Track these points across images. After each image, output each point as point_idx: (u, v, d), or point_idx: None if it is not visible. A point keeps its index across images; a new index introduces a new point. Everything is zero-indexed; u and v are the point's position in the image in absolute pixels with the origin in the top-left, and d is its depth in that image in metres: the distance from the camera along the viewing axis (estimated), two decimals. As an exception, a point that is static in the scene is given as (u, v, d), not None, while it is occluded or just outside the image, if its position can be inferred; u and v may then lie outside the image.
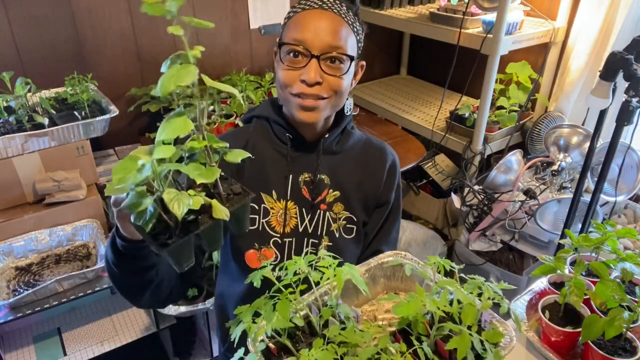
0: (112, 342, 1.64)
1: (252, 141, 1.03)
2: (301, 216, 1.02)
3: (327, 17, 0.91)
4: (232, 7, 2.22)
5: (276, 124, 1.02)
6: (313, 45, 0.89)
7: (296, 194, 1.02)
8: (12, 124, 1.61)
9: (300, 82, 0.91)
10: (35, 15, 1.82)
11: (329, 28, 0.90)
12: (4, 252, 1.60)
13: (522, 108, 2.09)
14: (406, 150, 2.12)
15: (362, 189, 1.07)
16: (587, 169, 1.52)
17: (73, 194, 1.68)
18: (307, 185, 1.02)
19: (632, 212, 1.89)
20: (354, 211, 1.06)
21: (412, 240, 2.26)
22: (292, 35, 0.91)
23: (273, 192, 1.01)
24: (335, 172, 1.04)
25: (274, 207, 1.01)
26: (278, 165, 1.02)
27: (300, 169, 1.02)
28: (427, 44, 2.45)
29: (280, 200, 1.01)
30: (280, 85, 0.95)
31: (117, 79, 2.07)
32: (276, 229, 1.01)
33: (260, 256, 1.01)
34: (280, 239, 1.01)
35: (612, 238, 1.00)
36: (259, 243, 1.01)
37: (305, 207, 1.02)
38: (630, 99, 1.31)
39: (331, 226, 1.03)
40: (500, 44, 1.78)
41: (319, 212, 1.03)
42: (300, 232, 1.02)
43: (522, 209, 1.87)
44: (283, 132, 1.01)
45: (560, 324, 0.98)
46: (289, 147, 1.01)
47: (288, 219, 1.01)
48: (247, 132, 1.05)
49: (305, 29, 0.90)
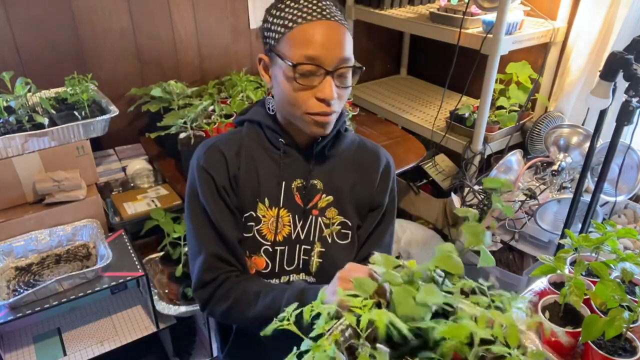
0: (112, 342, 1.64)
1: (246, 146, 1.01)
2: (294, 223, 1.00)
3: (334, 29, 0.87)
4: (232, 7, 2.22)
5: (269, 129, 1.00)
6: (326, 62, 0.86)
7: (289, 201, 1.00)
8: (12, 124, 1.61)
9: (316, 101, 0.88)
10: (35, 15, 1.82)
11: (338, 41, 0.87)
12: (4, 252, 1.60)
13: (522, 108, 2.09)
14: (406, 150, 2.12)
15: (355, 192, 1.05)
16: (587, 169, 1.52)
17: (73, 194, 1.68)
18: (300, 191, 1.01)
19: (632, 212, 1.89)
20: (347, 216, 1.04)
21: (412, 240, 2.26)
22: (302, 52, 0.85)
23: (265, 200, 0.99)
24: (328, 177, 1.02)
25: (265, 215, 0.99)
26: (270, 171, 1.00)
27: (292, 175, 1.00)
28: (427, 44, 2.45)
29: (272, 208, 0.99)
30: (291, 104, 0.90)
31: (117, 79, 2.07)
32: (267, 237, 0.99)
33: (250, 264, 1.00)
34: (271, 247, 0.99)
35: (612, 238, 1.00)
36: (250, 251, 1.00)
37: (297, 214, 1.01)
38: (630, 99, 1.31)
39: (323, 232, 1.02)
40: (500, 44, 1.78)
41: (311, 218, 1.01)
42: (293, 239, 1.01)
43: (522, 209, 1.87)
44: (276, 137, 0.99)
45: (560, 324, 0.98)
46: (281, 153, 0.99)
47: (280, 227, 0.99)
48: (240, 137, 1.03)
49: (316, 44, 0.85)
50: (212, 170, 0.97)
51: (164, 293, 1.72)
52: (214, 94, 2.12)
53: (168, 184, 1.95)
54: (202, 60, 2.25)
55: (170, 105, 1.93)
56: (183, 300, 1.70)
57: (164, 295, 1.71)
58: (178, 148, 1.80)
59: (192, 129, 1.80)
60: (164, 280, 1.78)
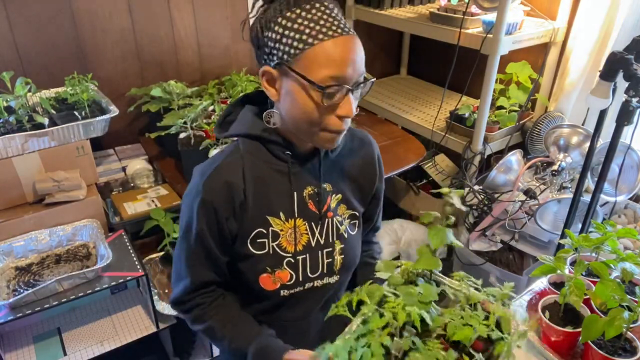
0: (112, 342, 1.64)
1: (248, 166, 0.94)
2: (311, 230, 1.00)
3: (354, 44, 0.84)
4: (232, 7, 2.22)
5: (273, 143, 0.95)
6: (349, 80, 0.84)
7: (303, 210, 0.99)
8: (12, 124, 1.61)
9: (335, 118, 0.86)
10: (35, 15, 1.82)
11: (358, 57, 0.84)
12: (4, 252, 1.60)
13: (522, 108, 2.09)
14: (406, 150, 2.12)
15: (358, 183, 1.06)
16: (587, 169, 1.52)
17: (73, 194, 1.68)
18: (312, 198, 0.99)
19: (632, 212, 1.89)
20: (354, 207, 1.06)
21: (412, 240, 2.26)
22: (327, 73, 0.82)
23: (280, 214, 0.97)
24: (333, 176, 1.02)
25: (283, 228, 0.97)
26: (280, 184, 0.97)
27: (303, 184, 0.98)
28: (427, 44, 2.45)
29: (289, 220, 0.98)
30: (309, 122, 0.87)
31: (117, 79, 2.07)
32: (287, 249, 0.98)
33: (275, 279, 0.98)
34: (293, 258, 0.98)
35: (612, 238, 1.00)
36: (272, 266, 0.97)
37: (314, 221, 1.00)
38: (630, 99, 1.31)
39: (339, 230, 1.03)
40: (500, 44, 1.78)
41: (327, 221, 1.01)
42: (313, 246, 1.00)
43: (522, 209, 1.87)
44: (282, 150, 0.95)
45: (560, 324, 0.98)
46: (289, 164, 0.96)
47: (298, 236, 0.99)
48: (238, 157, 0.94)
49: (341, 64, 0.82)
50: (215, 202, 0.91)
51: (164, 293, 1.72)
52: (214, 94, 2.12)
53: (168, 184, 1.95)
54: (202, 60, 2.25)
55: (170, 105, 1.93)
56: (183, 300, 1.70)
57: (164, 295, 1.71)
58: (178, 148, 1.80)
59: (192, 129, 1.80)
60: (164, 280, 1.78)
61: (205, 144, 1.75)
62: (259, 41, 0.88)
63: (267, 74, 0.89)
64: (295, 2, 0.83)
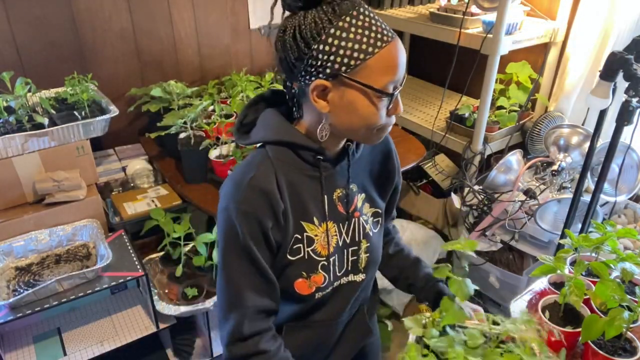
0: (112, 342, 1.64)
1: (281, 172, 0.92)
2: (339, 231, 1.01)
3: (401, 46, 0.86)
4: (232, 7, 2.22)
5: (304, 149, 0.93)
6: (401, 80, 0.88)
7: (333, 212, 0.99)
8: (12, 124, 1.62)
9: (389, 117, 0.90)
10: (35, 15, 1.82)
11: (405, 58, 0.87)
12: (4, 252, 1.60)
13: (522, 108, 2.09)
14: (406, 150, 2.12)
15: (379, 179, 1.07)
16: (587, 169, 1.52)
17: (73, 194, 1.68)
18: (341, 200, 1.00)
19: (632, 212, 1.89)
20: (377, 205, 1.07)
21: (412, 241, 2.26)
22: (388, 79, 0.84)
23: (314, 219, 0.96)
24: (358, 176, 1.03)
25: (317, 233, 0.97)
26: (311, 189, 0.96)
27: (333, 187, 0.98)
28: (427, 44, 2.45)
29: (322, 224, 0.98)
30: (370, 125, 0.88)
31: (117, 79, 2.07)
32: (322, 253, 0.98)
33: (310, 283, 0.98)
34: (326, 261, 0.99)
35: (612, 238, 1.00)
36: (307, 271, 0.97)
37: (341, 222, 1.01)
38: (630, 99, 1.31)
39: (365, 228, 1.04)
40: (500, 44, 1.78)
41: (354, 221, 1.02)
42: (340, 246, 1.01)
43: (522, 209, 1.87)
44: (313, 155, 0.94)
45: (560, 324, 0.98)
46: (320, 169, 0.95)
47: (330, 239, 0.99)
48: (270, 164, 0.92)
49: (397, 68, 0.84)
50: (258, 213, 0.88)
51: (164, 293, 1.72)
52: (214, 94, 2.13)
53: (168, 184, 1.95)
54: (202, 60, 2.25)
55: (170, 105, 1.94)
56: (183, 300, 1.70)
57: (164, 295, 1.71)
58: (178, 148, 1.80)
59: (192, 129, 1.80)
60: (164, 280, 1.78)
61: (205, 144, 1.75)
62: (301, 54, 0.83)
63: (318, 87, 0.85)
64: (341, 10, 0.81)
